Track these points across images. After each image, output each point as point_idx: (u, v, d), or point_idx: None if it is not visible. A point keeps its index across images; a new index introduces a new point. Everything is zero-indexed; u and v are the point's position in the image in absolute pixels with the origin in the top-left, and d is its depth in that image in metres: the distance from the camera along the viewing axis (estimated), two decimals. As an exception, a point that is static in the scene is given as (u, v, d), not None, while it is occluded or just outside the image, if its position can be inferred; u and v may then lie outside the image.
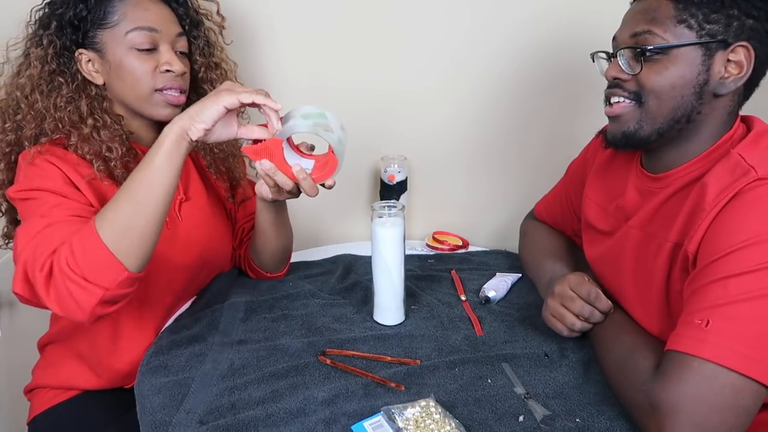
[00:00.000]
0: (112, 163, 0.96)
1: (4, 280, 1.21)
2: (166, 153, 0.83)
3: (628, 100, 0.84)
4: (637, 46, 0.81)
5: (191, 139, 0.85)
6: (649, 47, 0.80)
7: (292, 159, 0.93)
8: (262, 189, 0.98)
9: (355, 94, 1.36)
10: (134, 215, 0.82)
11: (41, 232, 0.85)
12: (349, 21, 1.32)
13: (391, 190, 1.36)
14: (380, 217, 0.98)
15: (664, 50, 0.80)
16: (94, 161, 0.95)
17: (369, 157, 1.42)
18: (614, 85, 0.85)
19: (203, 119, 0.84)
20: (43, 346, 1.14)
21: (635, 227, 0.88)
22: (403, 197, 1.37)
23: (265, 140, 0.90)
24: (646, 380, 0.73)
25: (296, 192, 0.95)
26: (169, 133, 0.84)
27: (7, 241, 1.08)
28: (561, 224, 1.18)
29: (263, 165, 0.91)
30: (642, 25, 0.81)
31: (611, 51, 0.88)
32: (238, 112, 0.91)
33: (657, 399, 0.69)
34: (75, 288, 0.80)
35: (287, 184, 0.92)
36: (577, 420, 0.78)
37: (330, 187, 0.94)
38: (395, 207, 0.98)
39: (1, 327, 1.27)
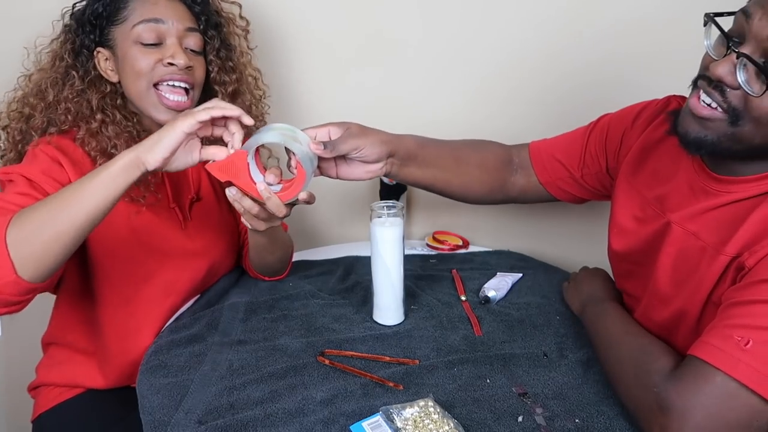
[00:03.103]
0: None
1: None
2: (111, 176, 0.77)
3: (722, 112, 0.71)
4: (765, 56, 0.67)
5: (146, 170, 0.78)
6: None
7: (258, 177, 0.87)
8: (243, 220, 0.93)
9: (357, 93, 1.36)
10: (46, 222, 0.75)
11: None
12: (359, 24, 1.32)
13: (390, 190, 1.35)
14: (379, 217, 0.98)
15: None
16: (98, 158, 0.95)
17: (369, 157, 1.42)
18: (715, 84, 0.71)
19: (161, 147, 0.78)
20: (46, 344, 1.14)
21: (677, 223, 0.81)
22: (402, 197, 1.37)
23: (230, 155, 0.84)
24: (659, 381, 0.71)
25: (265, 216, 0.89)
26: (122, 158, 0.77)
27: None
28: (555, 168, 1.06)
29: (230, 192, 0.86)
30: None
31: (731, 30, 0.70)
32: (204, 137, 0.85)
33: (669, 402, 0.68)
34: None
35: (253, 208, 0.86)
36: (577, 420, 0.78)
37: (307, 202, 0.87)
38: (394, 207, 0.97)
39: (1, 327, 1.27)
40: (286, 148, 0.86)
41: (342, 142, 0.89)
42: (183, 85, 0.98)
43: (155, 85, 0.97)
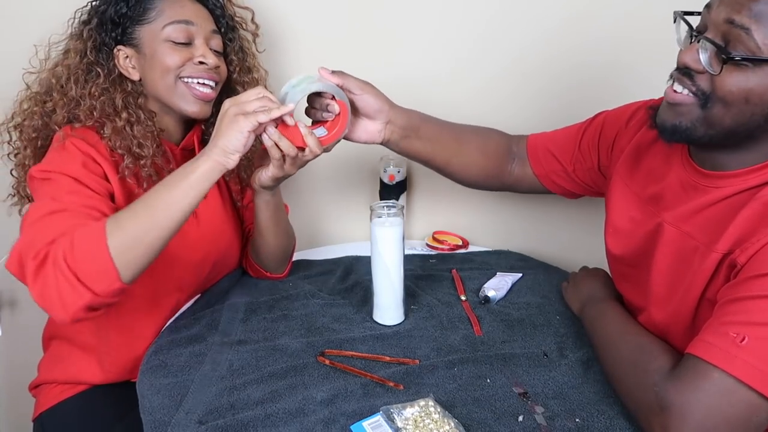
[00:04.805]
0: (142, 161, 0.97)
1: (4, 279, 1.22)
2: (195, 182, 0.84)
3: (693, 96, 0.75)
4: (725, 40, 0.71)
5: (227, 169, 0.85)
6: (737, 56, 0.69)
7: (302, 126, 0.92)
8: (261, 174, 0.97)
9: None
10: (148, 230, 0.82)
11: (46, 216, 0.84)
12: (360, 26, 1.33)
13: (390, 190, 1.35)
14: (379, 217, 0.98)
15: (755, 61, 0.69)
16: (126, 156, 0.96)
17: (368, 158, 1.42)
18: (684, 72, 0.75)
19: (235, 149, 0.84)
20: (48, 340, 1.14)
21: (671, 223, 0.82)
22: (402, 197, 1.37)
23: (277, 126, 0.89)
24: (658, 380, 0.72)
25: (295, 161, 0.92)
26: (202, 166, 0.84)
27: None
28: (549, 161, 1.08)
29: (270, 134, 0.88)
30: (744, 15, 0.69)
31: (697, 24, 0.75)
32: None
33: (668, 400, 0.68)
34: (65, 285, 0.78)
35: (291, 150, 0.90)
36: (577, 420, 0.78)
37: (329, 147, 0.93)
38: (394, 207, 0.98)
39: (1, 325, 1.27)
40: (310, 94, 0.92)
41: (349, 76, 0.95)
42: (210, 82, 1.02)
43: (181, 78, 1.00)
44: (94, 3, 1.02)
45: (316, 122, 0.95)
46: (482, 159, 1.09)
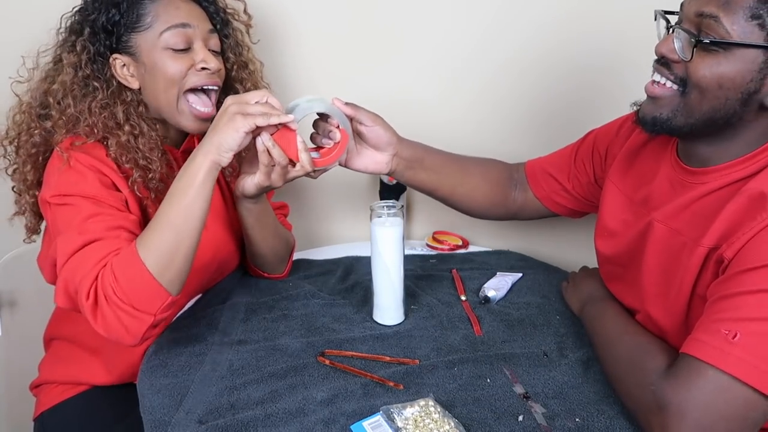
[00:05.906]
0: (150, 174, 0.96)
1: (4, 279, 1.22)
2: (201, 184, 0.85)
3: (672, 84, 0.77)
4: (697, 30, 0.73)
5: (221, 167, 0.87)
6: (706, 40, 0.72)
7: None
8: (245, 181, 0.97)
9: (357, 93, 1.36)
10: (177, 244, 0.84)
11: (78, 252, 0.86)
12: (360, 23, 1.32)
13: (390, 190, 1.35)
14: (379, 217, 0.98)
15: (724, 45, 0.72)
16: (134, 170, 0.95)
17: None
18: (662, 62, 0.78)
19: (229, 148, 0.85)
20: (49, 340, 1.14)
21: (660, 221, 0.83)
22: (402, 197, 1.37)
23: (274, 133, 0.89)
24: (655, 380, 0.72)
25: (283, 173, 0.93)
26: (202, 166, 0.85)
27: (31, 235, 1.08)
28: (548, 182, 1.10)
29: (264, 140, 0.89)
30: (712, 6, 0.72)
31: (676, 20, 0.79)
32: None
33: (665, 400, 0.69)
34: (125, 316, 0.82)
35: (282, 159, 0.91)
36: (577, 419, 0.78)
37: (314, 175, 0.95)
38: (394, 207, 0.98)
39: (1, 325, 1.27)
40: (316, 119, 0.94)
41: (361, 109, 0.97)
42: (214, 88, 0.99)
43: (184, 94, 0.97)
44: (82, 10, 0.98)
45: (316, 147, 0.96)
46: (486, 187, 1.11)
